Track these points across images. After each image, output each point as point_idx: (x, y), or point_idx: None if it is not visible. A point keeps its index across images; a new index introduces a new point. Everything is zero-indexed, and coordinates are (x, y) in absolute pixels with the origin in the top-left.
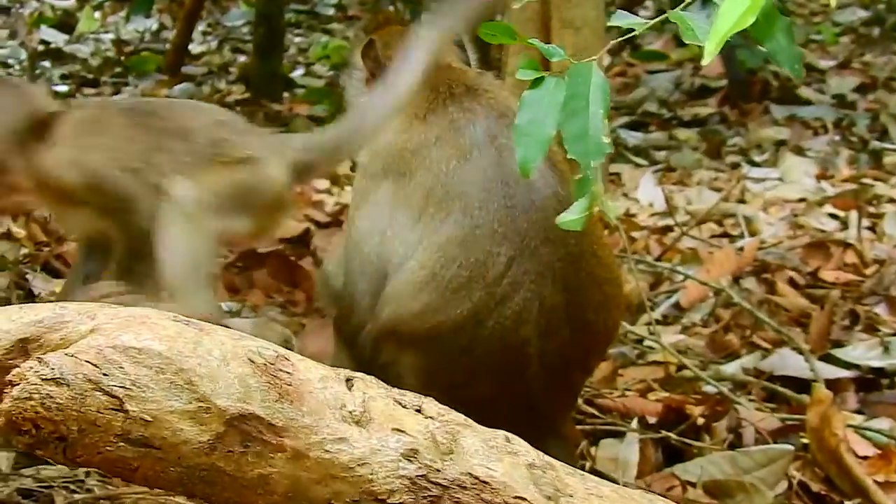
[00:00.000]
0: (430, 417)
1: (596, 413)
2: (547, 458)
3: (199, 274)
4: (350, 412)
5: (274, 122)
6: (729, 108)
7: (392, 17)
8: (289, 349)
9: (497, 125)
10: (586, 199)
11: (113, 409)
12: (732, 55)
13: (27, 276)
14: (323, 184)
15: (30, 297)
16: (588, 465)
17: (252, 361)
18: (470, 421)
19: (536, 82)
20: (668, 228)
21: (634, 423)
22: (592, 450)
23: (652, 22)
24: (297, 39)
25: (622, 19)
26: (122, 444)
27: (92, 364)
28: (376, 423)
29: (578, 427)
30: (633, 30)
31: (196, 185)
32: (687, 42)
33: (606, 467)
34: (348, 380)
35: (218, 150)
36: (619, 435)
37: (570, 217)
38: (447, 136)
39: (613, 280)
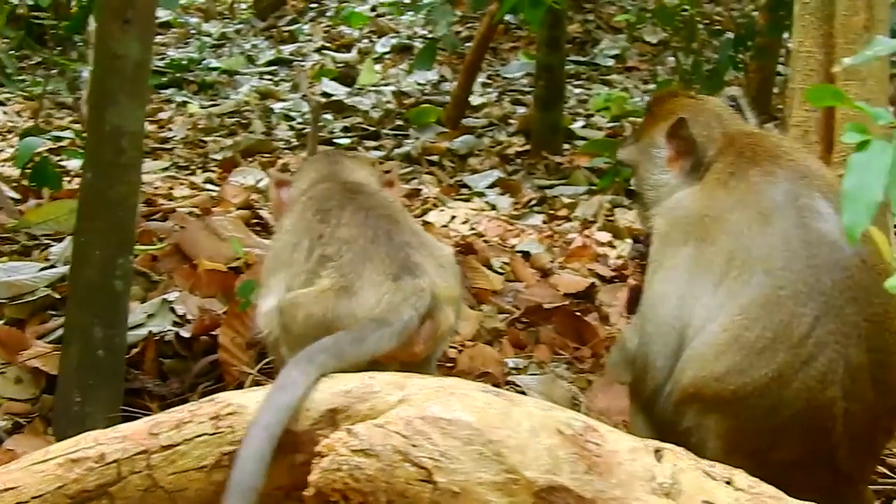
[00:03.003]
0: (741, 490)
1: (888, 473)
2: None
3: None
4: (660, 484)
5: (555, 174)
6: None
7: (678, 92)
8: (575, 406)
9: (798, 186)
10: None
11: (422, 480)
12: None
13: None
14: (605, 237)
15: None
16: None
17: (561, 432)
18: (781, 494)
19: (863, 145)
20: None
21: None
22: None
23: None
24: (577, 91)
25: None
26: None
27: (401, 435)
28: (686, 495)
29: (871, 487)
30: None
31: None
32: None
33: None
34: (657, 451)
35: None
36: None
37: None
38: (748, 200)
39: None
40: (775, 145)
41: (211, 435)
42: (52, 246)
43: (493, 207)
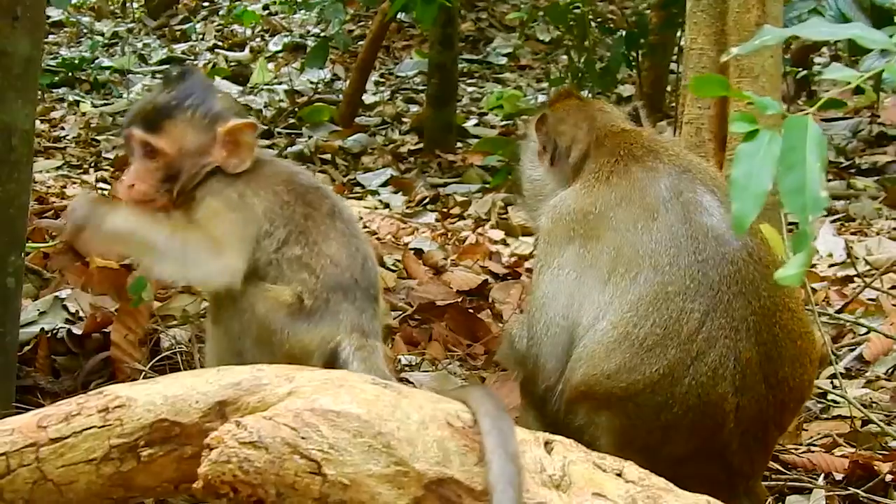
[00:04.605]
0: (631, 482)
1: (781, 469)
2: None
3: None
4: (550, 476)
5: (448, 172)
6: None
7: (572, 93)
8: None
9: (681, 181)
10: (805, 254)
11: (311, 472)
12: None
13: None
14: (498, 234)
15: None
16: None
17: (451, 425)
18: (671, 485)
19: (751, 135)
20: (849, 279)
21: (821, 480)
22: None
23: (868, 75)
24: (470, 89)
25: (836, 72)
26: None
27: (290, 427)
28: (576, 487)
29: (764, 483)
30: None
31: None
32: None
33: None
34: (547, 443)
35: None
36: (806, 491)
37: (789, 273)
38: (632, 196)
39: (807, 334)
40: (654, 142)
41: (100, 428)
42: None
43: (387, 206)
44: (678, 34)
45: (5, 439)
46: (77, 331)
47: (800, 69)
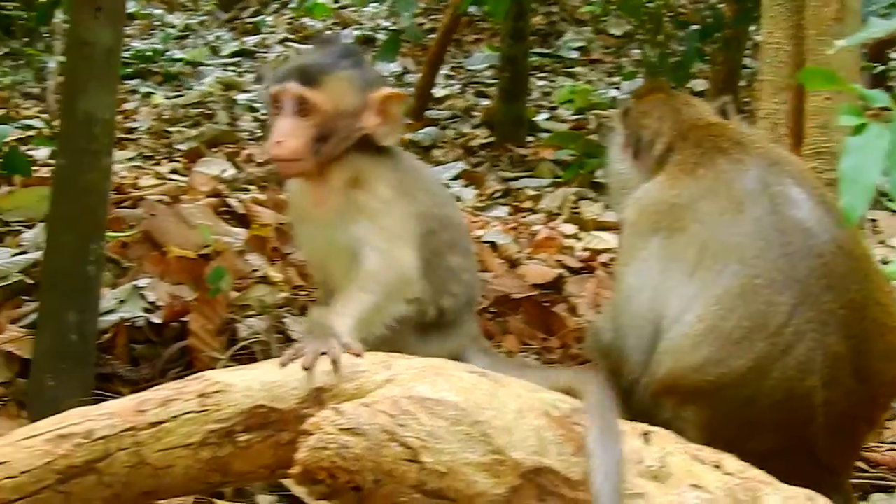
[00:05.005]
0: (730, 474)
1: (864, 467)
2: None
3: None
4: (648, 467)
5: (519, 165)
6: None
7: (660, 86)
8: None
9: (769, 173)
10: None
11: (408, 459)
12: None
13: (285, 320)
14: (570, 229)
15: (288, 341)
16: None
17: (548, 414)
18: (771, 478)
19: (860, 128)
20: None
21: None
22: None
23: None
24: (541, 83)
25: None
26: (416, 495)
27: (388, 414)
28: (674, 478)
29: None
30: (884, 73)
31: None
32: None
33: None
34: (645, 434)
35: None
36: (889, 490)
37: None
38: (719, 188)
39: None
40: (741, 134)
41: (198, 412)
42: (23, 232)
43: (458, 199)
44: (752, 28)
45: (104, 423)
46: (155, 320)
47: (876, 64)
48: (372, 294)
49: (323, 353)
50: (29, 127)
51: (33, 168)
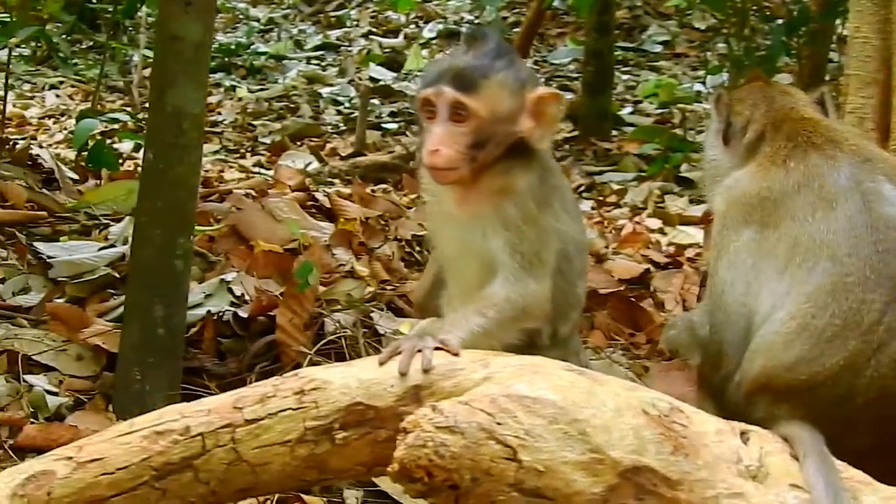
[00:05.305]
0: None
1: None
2: None
3: None
4: (746, 467)
5: (603, 160)
6: None
7: (760, 76)
8: None
9: (861, 170)
10: None
11: (506, 458)
12: None
13: (372, 315)
14: (655, 223)
15: (375, 336)
16: None
17: (646, 413)
18: (870, 478)
19: None
20: None
21: None
22: None
23: None
24: (625, 77)
25: None
26: (514, 493)
27: (486, 413)
28: (773, 478)
29: None
30: None
31: None
32: None
33: None
34: (743, 433)
35: None
36: None
37: None
38: (810, 184)
39: None
40: (833, 130)
41: (295, 410)
42: (111, 226)
43: None
44: (838, 22)
45: (201, 420)
46: (242, 314)
47: None
48: (489, 320)
49: (419, 351)
50: (114, 120)
51: (119, 161)
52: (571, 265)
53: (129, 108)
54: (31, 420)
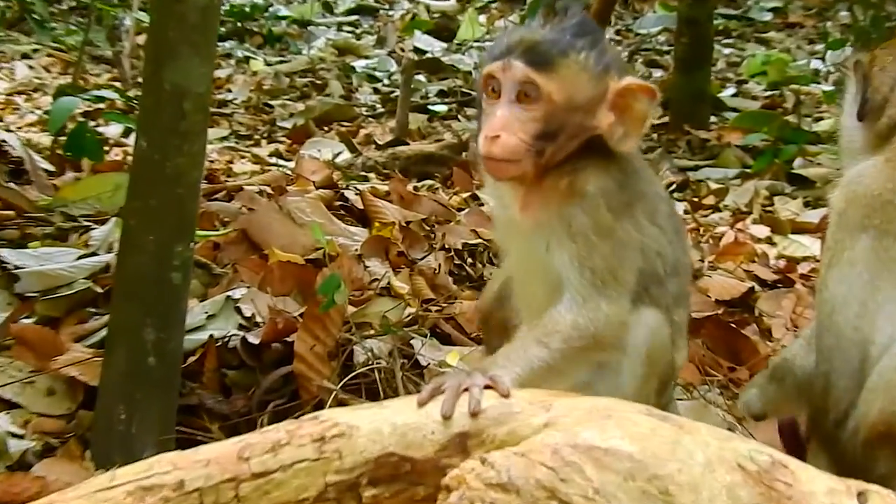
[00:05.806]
0: None
1: None
2: None
3: None
4: None
5: (699, 152)
6: None
7: None
8: None
9: None
10: None
11: None
12: None
13: (412, 343)
14: (762, 231)
15: (415, 368)
16: None
17: (742, 468)
18: None
19: None
20: None
21: None
22: None
23: None
24: (727, 51)
25: None
26: None
27: (547, 467)
28: None
29: None
30: None
31: None
32: None
33: None
34: (860, 494)
35: None
36: None
37: None
38: None
39: None
40: None
41: (314, 461)
42: (93, 229)
43: None
44: None
45: (199, 472)
46: (253, 339)
47: None
48: (552, 352)
49: (465, 390)
50: (100, 99)
51: (104, 149)
52: (663, 289)
53: (118, 84)
54: None
